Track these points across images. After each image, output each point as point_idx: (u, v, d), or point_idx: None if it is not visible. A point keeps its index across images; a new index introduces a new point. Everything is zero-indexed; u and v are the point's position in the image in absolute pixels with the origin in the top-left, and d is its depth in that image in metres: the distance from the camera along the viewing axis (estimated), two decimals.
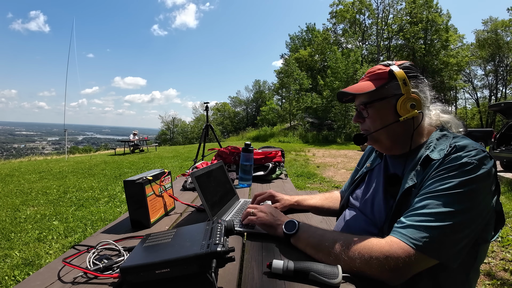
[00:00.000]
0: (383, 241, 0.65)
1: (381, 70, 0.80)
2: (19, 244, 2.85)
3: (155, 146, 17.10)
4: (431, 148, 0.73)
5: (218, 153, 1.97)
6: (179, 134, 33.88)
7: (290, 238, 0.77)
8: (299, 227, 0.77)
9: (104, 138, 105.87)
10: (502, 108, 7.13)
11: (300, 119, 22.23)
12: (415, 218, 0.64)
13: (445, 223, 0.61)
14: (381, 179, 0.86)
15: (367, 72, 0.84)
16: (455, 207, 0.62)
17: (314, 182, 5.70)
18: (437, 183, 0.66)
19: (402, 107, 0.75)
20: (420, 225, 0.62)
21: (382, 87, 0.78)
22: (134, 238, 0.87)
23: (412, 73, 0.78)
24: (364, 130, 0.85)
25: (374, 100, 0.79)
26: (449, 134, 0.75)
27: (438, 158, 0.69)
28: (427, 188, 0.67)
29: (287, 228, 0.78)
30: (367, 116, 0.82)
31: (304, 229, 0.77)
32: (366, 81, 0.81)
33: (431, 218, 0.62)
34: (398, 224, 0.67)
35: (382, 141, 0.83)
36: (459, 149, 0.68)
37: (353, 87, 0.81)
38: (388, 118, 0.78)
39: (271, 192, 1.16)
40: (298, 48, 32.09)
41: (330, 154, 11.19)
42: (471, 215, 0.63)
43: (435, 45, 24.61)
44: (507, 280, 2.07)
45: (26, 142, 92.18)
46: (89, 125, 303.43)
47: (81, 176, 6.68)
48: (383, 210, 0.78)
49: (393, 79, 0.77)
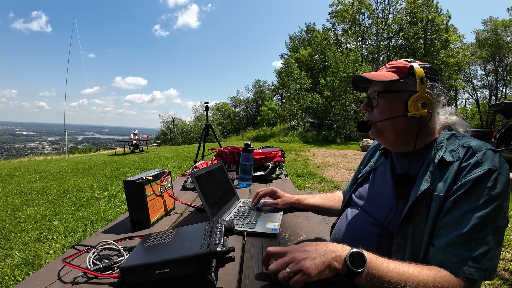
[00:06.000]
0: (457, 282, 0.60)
1: (402, 64, 0.80)
2: (19, 244, 2.85)
3: (155, 146, 17.10)
4: (443, 149, 0.72)
5: (218, 153, 1.97)
6: (179, 134, 33.87)
7: (355, 277, 0.57)
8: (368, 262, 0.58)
9: (104, 138, 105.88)
10: (502, 108, 7.14)
11: (300, 119, 22.21)
12: (469, 246, 0.60)
13: (496, 245, 0.61)
14: (386, 178, 0.85)
15: (388, 63, 0.84)
16: (499, 222, 0.62)
17: (314, 182, 5.69)
18: (469, 197, 0.63)
19: (413, 104, 0.75)
20: (478, 256, 0.59)
21: (400, 80, 0.78)
22: (134, 238, 0.87)
23: (431, 75, 0.78)
24: (370, 120, 0.84)
25: (388, 90, 0.79)
26: (458, 134, 0.75)
27: (453, 161, 0.68)
28: (461, 206, 0.63)
29: (352, 261, 0.58)
30: (376, 106, 0.82)
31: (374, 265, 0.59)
32: (385, 71, 0.82)
33: (485, 245, 0.60)
34: (455, 257, 0.61)
35: (386, 135, 0.82)
36: (475, 151, 0.67)
37: (372, 74, 0.81)
38: (397, 112, 0.78)
39: (273, 189, 1.16)
40: (298, 48, 32.04)
41: (330, 154, 11.18)
42: (506, 222, 0.63)
43: (435, 45, 24.58)
44: (507, 280, 2.07)
45: (26, 142, 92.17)
46: (89, 125, 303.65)
47: (81, 176, 6.68)
48: (390, 210, 0.77)
49: (412, 75, 0.77)
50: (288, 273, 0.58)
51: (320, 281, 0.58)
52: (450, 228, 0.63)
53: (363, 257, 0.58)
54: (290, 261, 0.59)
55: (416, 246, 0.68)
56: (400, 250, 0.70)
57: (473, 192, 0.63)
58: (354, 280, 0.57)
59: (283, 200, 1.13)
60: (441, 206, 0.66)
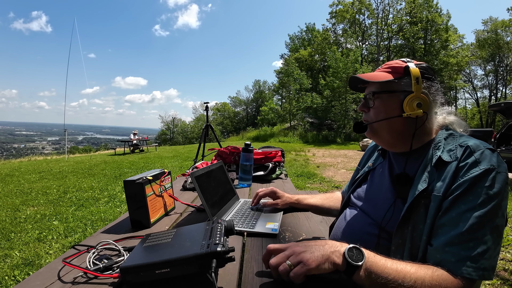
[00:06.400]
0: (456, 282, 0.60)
1: (398, 64, 0.80)
2: (19, 244, 2.85)
3: (155, 146, 17.10)
4: (441, 149, 0.72)
5: (218, 153, 1.97)
6: (179, 134, 33.87)
7: (354, 272, 0.58)
8: (366, 257, 0.59)
9: (104, 138, 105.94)
10: (502, 108, 7.13)
11: (300, 119, 22.22)
12: (467, 245, 0.60)
13: (494, 245, 0.61)
14: (384, 178, 0.85)
15: (384, 64, 0.84)
16: (498, 221, 0.61)
17: (314, 182, 5.69)
18: (467, 197, 0.63)
19: (408, 104, 0.75)
20: (476, 255, 0.59)
21: (395, 80, 0.78)
22: (134, 238, 0.87)
23: (428, 75, 0.78)
24: (366, 121, 0.84)
25: (383, 91, 0.80)
26: (456, 134, 0.75)
27: (451, 160, 0.68)
28: (459, 205, 0.63)
29: (351, 255, 0.59)
30: (372, 106, 0.82)
31: (371, 261, 0.59)
32: (381, 72, 0.82)
33: (483, 244, 0.60)
34: (453, 257, 0.61)
35: (382, 135, 0.82)
36: (473, 151, 0.66)
37: (368, 74, 0.82)
38: (393, 112, 0.78)
39: (273, 189, 1.16)
40: (298, 48, 32.05)
41: (330, 154, 11.18)
42: (504, 221, 0.63)
43: (435, 45, 24.59)
44: (507, 280, 2.07)
45: (26, 142, 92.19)
46: (89, 125, 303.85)
47: (81, 176, 6.68)
48: (388, 210, 0.77)
49: (407, 75, 0.77)
50: (288, 265, 0.58)
51: (320, 279, 0.58)
52: (448, 227, 0.63)
53: (361, 252, 0.59)
54: (290, 254, 0.60)
55: (415, 246, 0.68)
56: (398, 250, 0.70)
57: (471, 192, 0.63)
58: (353, 277, 0.58)
59: (283, 200, 1.13)
60: (439, 206, 0.66)
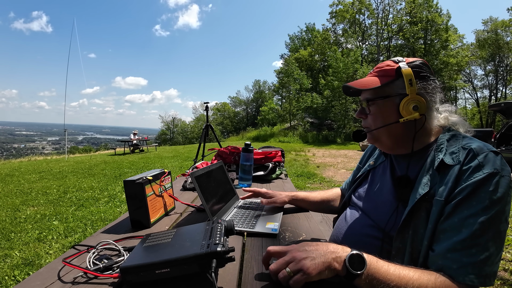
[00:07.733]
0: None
1: (389, 66, 0.76)
2: (19, 244, 2.85)
3: (155, 146, 17.09)
4: (443, 151, 0.70)
5: (218, 153, 1.97)
6: (179, 134, 33.87)
7: (354, 279, 0.57)
8: (368, 264, 0.58)
9: (104, 138, 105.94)
10: (502, 108, 7.14)
11: (300, 119, 22.21)
12: (470, 252, 0.59)
13: (497, 251, 0.60)
14: (386, 179, 0.84)
15: (376, 67, 0.81)
16: (501, 227, 0.60)
17: (314, 182, 5.70)
18: (470, 202, 0.61)
19: (404, 108, 0.72)
20: (479, 262, 0.59)
21: (387, 84, 0.75)
22: (134, 238, 0.87)
23: (422, 72, 0.74)
24: (365, 128, 0.83)
25: (377, 97, 0.77)
26: (459, 135, 0.73)
27: (453, 164, 0.66)
28: (462, 211, 0.62)
29: (351, 263, 0.57)
30: (369, 113, 0.80)
31: (374, 268, 0.58)
32: (372, 77, 0.78)
33: (486, 251, 0.59)
34: (455, 263, 0.60)
35: (383, 141, 0.81)
36: (476, 154, 0.64)
37: (358, 82, 0.79)
38: (390, 118, 0.76)
39: (256, 190, 1.19)
40: (298, 48, 32.04)
41: (330, 154, 11.18)
42: (507, 226, 0.62)
43: (435, 45, 24.58)
44: (507, 280, 2.07)
45: (26, 142, 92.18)
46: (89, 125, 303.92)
47: (81, 176, 6.68)
48: (390, 214, 0.76)
49: (400, 77, 0.73)
50: (288, 272, 0.57)
51: (320, 281, 0.58)
52: (451, 233, 0.62)
53: (363, 259, 0.57)
54: (290, 260, 0.58)
55: (416, 251, 0.67)
56: (399, 255, 0.69)
57: (474, 197, 0.61)
58: (353, 282, 0.57)
59: (279, 198, 1.12)
60: (441, 210, 0.64)
